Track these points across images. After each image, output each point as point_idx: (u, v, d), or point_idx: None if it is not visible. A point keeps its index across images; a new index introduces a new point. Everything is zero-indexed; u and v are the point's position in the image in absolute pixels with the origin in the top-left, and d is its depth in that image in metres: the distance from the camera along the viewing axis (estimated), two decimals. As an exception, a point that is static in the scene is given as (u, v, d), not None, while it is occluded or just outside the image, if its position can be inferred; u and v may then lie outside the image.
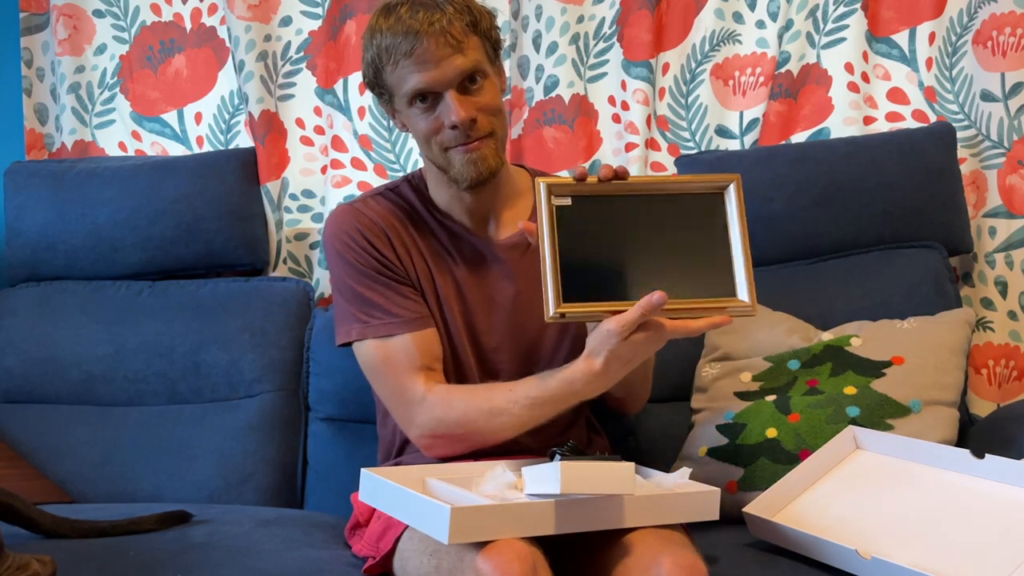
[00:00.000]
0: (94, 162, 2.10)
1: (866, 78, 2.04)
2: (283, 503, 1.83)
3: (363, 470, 1.29)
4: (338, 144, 2.11)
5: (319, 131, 2.16)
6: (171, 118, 2.20)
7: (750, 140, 2.06)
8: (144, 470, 1.82)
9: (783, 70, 2.06)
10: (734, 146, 2.07)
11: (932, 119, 2.02)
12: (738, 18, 2.07)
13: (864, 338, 1.65)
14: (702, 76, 2.08)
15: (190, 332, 1.93)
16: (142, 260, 2.03)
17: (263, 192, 2.10)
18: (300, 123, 2.16)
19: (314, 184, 2.16)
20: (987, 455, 1.33)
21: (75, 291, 2.02)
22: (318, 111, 2.15)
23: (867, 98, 2.05)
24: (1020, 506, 1.26)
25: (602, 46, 2.09)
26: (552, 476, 1.14)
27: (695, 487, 1.28)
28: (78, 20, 2.19)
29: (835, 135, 2.03)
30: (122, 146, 2.21)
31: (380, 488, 1.25)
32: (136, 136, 2.20)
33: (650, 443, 1.76)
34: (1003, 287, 1.96)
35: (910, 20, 2.03)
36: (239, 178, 2.05)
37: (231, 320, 1.94)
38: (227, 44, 2.16)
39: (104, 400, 1.93)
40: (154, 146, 2.20)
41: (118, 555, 1.36)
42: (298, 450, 1.89)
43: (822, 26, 2.04)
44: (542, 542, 1.16)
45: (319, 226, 2.13)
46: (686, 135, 2.09)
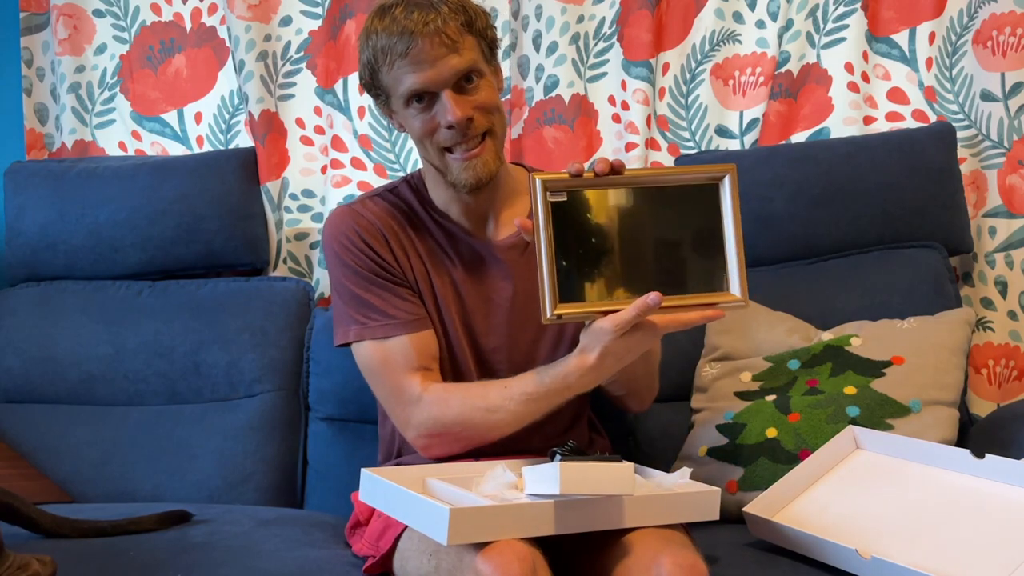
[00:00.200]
0: (94, 162, 2.10)
1: (866, 78, 2.04)
2: (283, 503, 1.83)
3: (363, 470, 1.29)
4: (338, 144, 2.11)
5: (319, 131, 2.16)
6: (171, 118, 2.20)
7: (750, 140, 2.06)
8: (144, 470, 1.82)
9: (783, 70, 2.06)
10: (734, 146, 2.07)
11: (932, 119, 2.02)
12: (738, 18, 2.07)
13: (864, 338, 1.65)
14: (702, 76, 2.07)
15: (190, 332, 1.93)
16: (142, 260, 2.03)
17: (263, 192, 2.10)
18: (300, 123, 2.16)
19: (314, 184, 2.16)
20: (987, 455, 1.33)
21: (75, 291, 2.02)
22: (318, 111, 2.15)
23: (867, 98, 2.05)
24: (1020, 506, 1.26)
25: (602, 46, 2.09)
26: (552, 476, 1.14)
27: (695, 487, 1.28)
28: (78, 20, 2.19)
29: (835, 135, 2.03)
30: (122, 146, 2.21)
31: (380, 488, 1.25)
32: (136, 136, 2.20)
33: (650, 443, 1.76)
34: (1003, 287, 1.96)
35: (910, 20, 2.03)
36: (239, 178, 2.05)
37: (231, 320, 1.94)
38: (227, 44, 2.16)
39: (104, 400, 1.93)
40: (154, 146, 2.20)
41: (118, 555, 1.36)
42: (298, 450, 1.89)
43: (822, 26, 2.04)
44: (542, 542, 1.16)
45: (319, 226, 2.13)
46: (686, 135, 2.09)
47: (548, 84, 2.09)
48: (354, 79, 2.10)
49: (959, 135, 1.93)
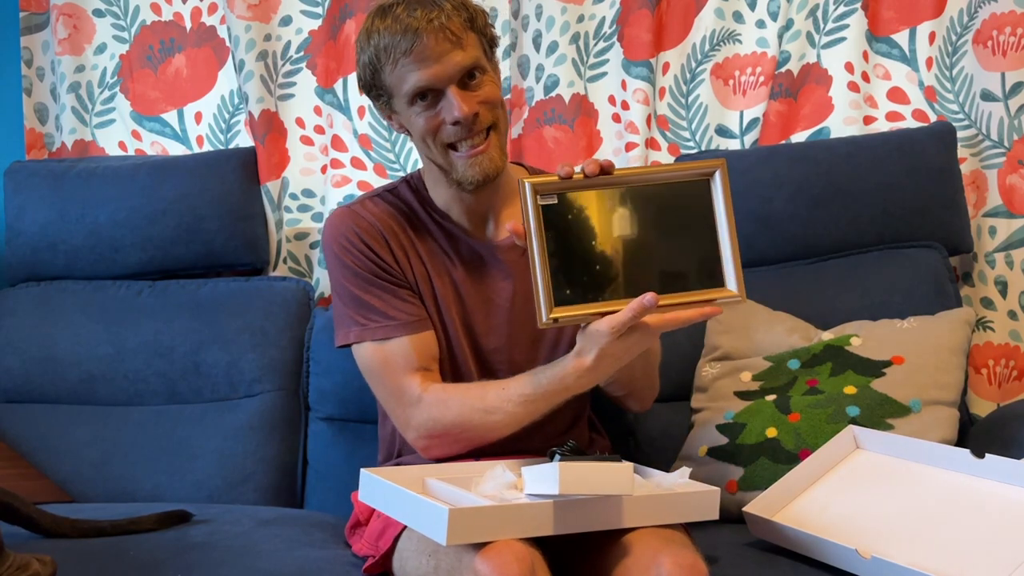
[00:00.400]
0: (94, 162, 2.10)
1: (866, 78, 2.04)
2: (283, 503, 1.83)
3: (362, 470, 1.29)
4: (338, 144, 2.11)
5: (319, 131, 2.16)
6: (171, 118, 2.20)
7: (750, 140, 2.06)
8: (144, 470, 1.82)
9: (783, 70, 2.06)
10: (734, 146, 2.07)
11: (932, 119, 2.01)
12: (738, 18, 2.07)
13: (864, 338, 1.65)
14: (702, 76, 2.07)
15: (190, 332, 1.93)
16: (142, 260, 2.03)
17: (263, 192, 2.10)
18: (300, 122, 2.16)
19: (314, 183, 2.16)
20: (987, 455, 1.33)
21: (75, 291, 2.02)
22: (318, 110, 2.15)
23: (867, 98, 2.05)
24: (1020, 506, 1.26)
25: (602, 45, 2.09)
26: (551, 476, 1.14)
27: (695, 487, 1.28)
28: (78, 19, 2.19)
29: (835, 135, 2.03)
30: (122, 146, 2.21)
31: (379, 488, 1.25)
32: (136, 136, 2.20)
33: (650, 443, 1.76)
34: (1003, 287, 1.96)
35: (910, 20, 2.02)
36: (239, 178, 2.05)
37: (231, 320, 1.94)
38: (227, 44, 2.16)
39: (104, 400, 1.93)
40: (154, 146, 2.20)
41: (118, 555, 1.36)
42: (298, 450, 1.89)
43: (822, 26, 2.04)
44: (541, 542, 1.16)
45: (319, 226, 2.13)
46: (686, 135, 2.09)
47: (548, 84, 2.09)
48: (354, 79, 2.07)
49: (959, 135, 1.93)
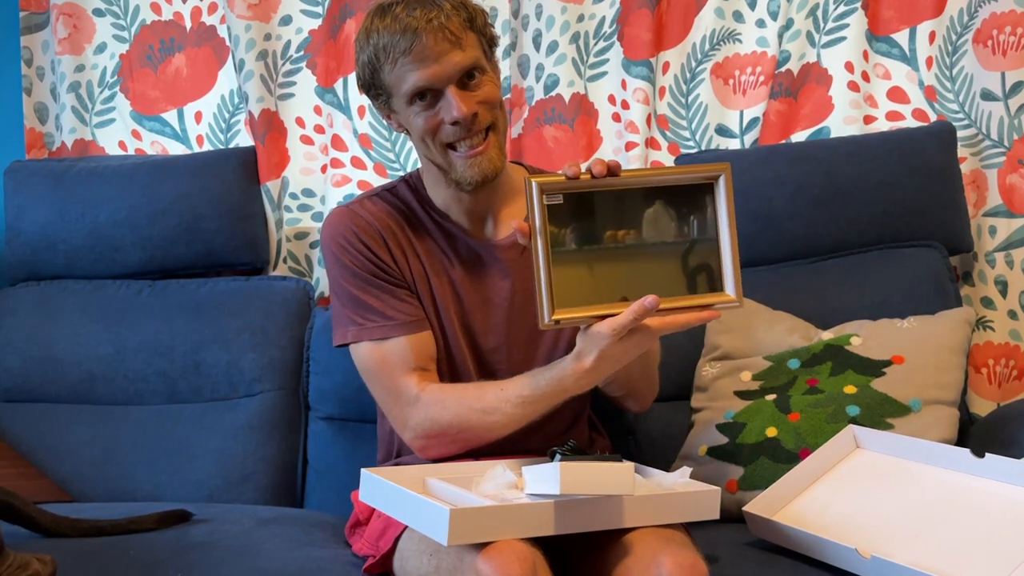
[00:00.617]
0: (94, 161, 2.10)
1: (866, 77, 2.04)
2: (283, 502, 1.83)
3: (363, 470, 1.29)
4: (338, 143, 2.11)
5: (319, 130, 2.16)
6: (171, 117, 2.20)
7: (750, 139, 2.06)
8: (144, 470, 1.82)
9: (783, 69, 2.06)
10: (734, 145, 2.07)
11: (932, 118, 2.01)
12: (738, 17, 2.07)
13: (864, 337, 1.65)
14: (702, 75, 2.07)
15: (190, 332, 1.93)
16: (142, 259, 2.03)
17: (263, 191, 2.10)
18: (300, 122, 2.16)
19: (314, 183, 2.16)
20: (987, 454, 1.33)
21: (75, 291, 2.02)
22: (318, 110, 2.15)
23: (867, 97, 2.05)
24: (1020, 506, 1.26)
25: (602, 45, 2.09)
26: (552, 476, 1.14)
27: (695, 486, 1.28)
28: (78, 19, 2.19)
29: (835, 134, 2.03)
30: (122, 145, 2.21)
31: (380, 488, 1.25)
32: (136, 135, 2.20)
33: (650, 443, 1.76)
34: (1003, 286, 1.96)
35: (910, 19, 2.02)
36: (239, 177, 2.05)
37: (231, 320, 1.94)
38: (227, 43, 2.15)
39: (104, 400, 1.93)
40: (154, 145, 2.20)
41: (118, 554, 1.36)
42: (298, 449, 1.89)
43: (822, 25, 2.04)
44: (542, 542, 1.16)
45: (319, 225, 2.13)
46: (686, 134, 2.08)
47: (548, 83, 2.09)
48: (354, 78, 2.08)
49: (959, 134, 1.93)
